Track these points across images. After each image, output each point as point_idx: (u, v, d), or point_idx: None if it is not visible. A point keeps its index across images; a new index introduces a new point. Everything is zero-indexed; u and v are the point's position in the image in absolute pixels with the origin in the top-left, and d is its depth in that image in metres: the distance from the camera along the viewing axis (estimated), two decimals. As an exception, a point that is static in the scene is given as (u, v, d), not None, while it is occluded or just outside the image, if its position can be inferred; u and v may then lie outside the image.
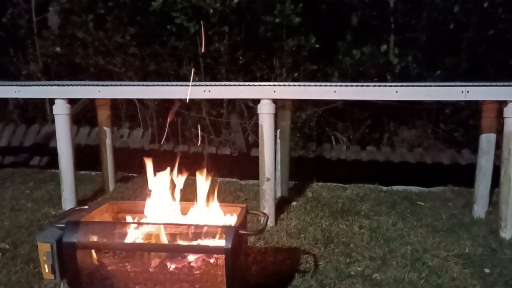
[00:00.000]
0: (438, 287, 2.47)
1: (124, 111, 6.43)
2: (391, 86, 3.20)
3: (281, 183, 3.93)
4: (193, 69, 5.45)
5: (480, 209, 3.49)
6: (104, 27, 6.02)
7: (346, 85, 3.27)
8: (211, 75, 5.99)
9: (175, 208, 2.31)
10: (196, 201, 2.30)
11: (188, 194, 2.33)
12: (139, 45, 6.07)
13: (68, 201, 3.62)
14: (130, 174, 4.57)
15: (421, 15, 6.22)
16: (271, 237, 3.05)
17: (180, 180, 2.31)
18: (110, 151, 4.10)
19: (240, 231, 2.02)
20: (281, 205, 3.66)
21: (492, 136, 3.36)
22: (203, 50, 5.35)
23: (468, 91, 3.07)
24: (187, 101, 3.30)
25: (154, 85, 3.55)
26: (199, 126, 5.88)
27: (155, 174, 2.31)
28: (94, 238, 2.06)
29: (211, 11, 5.52)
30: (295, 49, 5.73)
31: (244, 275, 2.29)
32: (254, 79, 5.87)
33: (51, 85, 3.61)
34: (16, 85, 3.67)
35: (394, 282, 2.50)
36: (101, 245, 2.11)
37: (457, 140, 6.13)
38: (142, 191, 3.92)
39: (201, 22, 5.24)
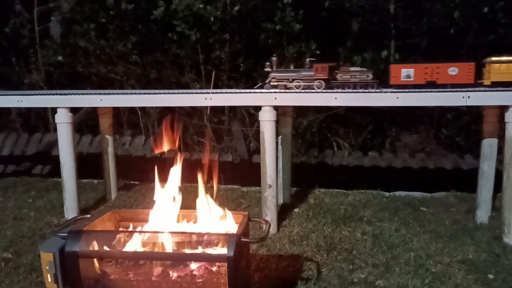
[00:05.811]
0: (441, 293, 2.46)
1: (126, 119, 6.46)
2: (392, 92, 3.20)
3: (283, 190, 3.93)
4: None
5: (483, 214, 3.48)
6: (106, 36, 6.06)
7: (347, 92, 3.28)
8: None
9: (177, 215, 2.31)
10: (198, 209, 2.30)
11: (191, 202, 2.33)
12: (141, 54, 6.11)
13: (70, 209, 3.63)
14: (132, 182, 4.58)
15: (421, 20, 6.24)
16: (274, 245, 3.05)
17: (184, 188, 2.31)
18: (112, 159, 4.11)
19: (242, 239, 2.02)
20: (283, 212, 3.66)
21: (494, 141, 3.36)
22: None
23: (469, 96, 3.07)
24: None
25: (155, 93, 3.57)
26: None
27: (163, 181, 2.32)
28: (97, 247, 2.05)
29: (212, 19, 5.55)
30: (296, 56, 5.75)
31: (247, 283, 2.28)
32: (255, 86, 5.87)
33: (53, 94, 3.64)
34: (19, 95, 3.69)
35: (398, 289, 2.49)
36: (103, 254, 2.10)
37: (459, 145, 6.11)
38: (144, 199, 3.92)
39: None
